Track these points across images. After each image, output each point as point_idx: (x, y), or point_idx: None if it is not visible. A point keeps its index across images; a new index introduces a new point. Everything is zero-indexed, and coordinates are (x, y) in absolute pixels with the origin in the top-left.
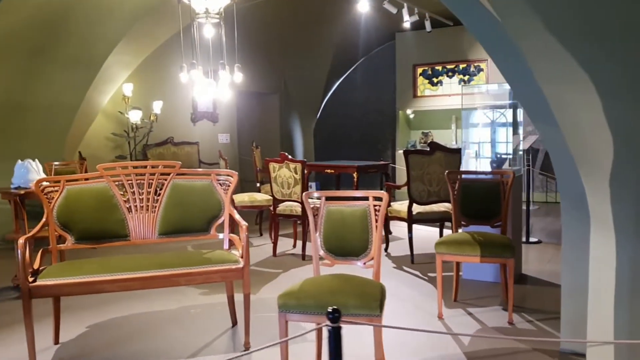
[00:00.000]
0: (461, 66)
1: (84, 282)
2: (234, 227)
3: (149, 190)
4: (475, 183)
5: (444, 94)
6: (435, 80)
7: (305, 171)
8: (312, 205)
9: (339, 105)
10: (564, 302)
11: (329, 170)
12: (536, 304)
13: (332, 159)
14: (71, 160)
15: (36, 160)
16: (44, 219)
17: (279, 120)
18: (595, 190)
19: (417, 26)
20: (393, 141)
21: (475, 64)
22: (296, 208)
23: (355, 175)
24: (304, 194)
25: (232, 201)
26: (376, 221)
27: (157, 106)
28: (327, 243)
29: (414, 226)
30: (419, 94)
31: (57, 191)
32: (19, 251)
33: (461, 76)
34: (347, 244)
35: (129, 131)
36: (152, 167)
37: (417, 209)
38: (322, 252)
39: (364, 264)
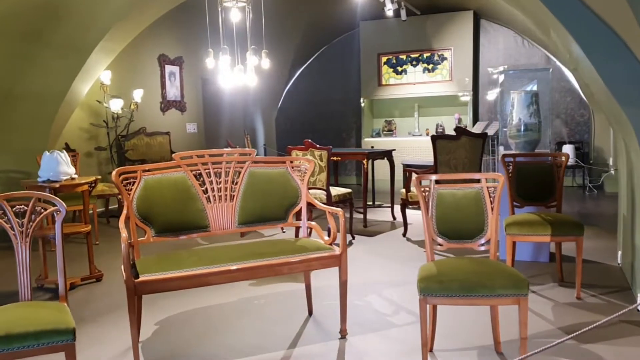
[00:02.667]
0: (425, 55)
1: (191, 275)
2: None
3: (226, 179)
4: (528, 165)
5: (409, 82)
6: (399, 69)
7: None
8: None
9: (302, 94)
10: None
11: (335, 158)
12: (585, 280)
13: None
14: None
15: (64, 151)
16: (124, 212)
17: (242, 109)
18: None
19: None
20: (357, 129)
21: (439, 53)
22: (321, 196)
23: (365, 162)
24: (414, 177)
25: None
26: (491, 202)
27: (137, 95)
28: (440, 226)
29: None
30: (383, 82)
31: (133, 182)
32: (123, 245)
33: (425, 65)
34: (462, 227)
35: (108, 121)
36: (228, 155)
37: None
38: (436, 237)
39: (480, 245)
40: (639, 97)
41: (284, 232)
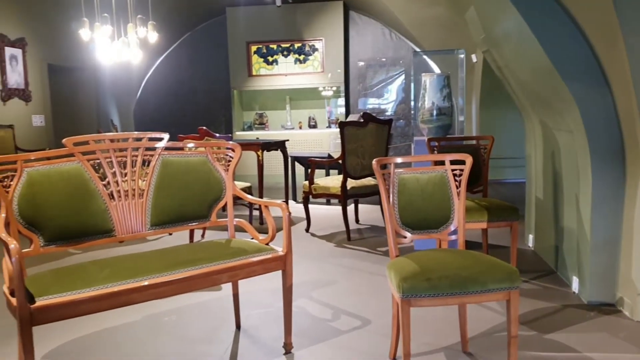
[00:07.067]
0: (296, 45)
1: (107, 293)
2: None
3: (133, 170)
4: (453, 150)
5: (280, 73)
6: (270, 59)
7: None
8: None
9: (163, 84)
10: (593, 255)
11: None
12: None
13: None
14: None
15: None
16: (3, 215)
17: (95, 99)
18: None
19: (256, 1)
20: (226, 122)
21: (310, 44)
22: None
23: (259, 154)
24: (375, 160)
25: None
26: (457, 187)
27: None
28: (404, 217)
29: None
30: (254, 72)
31: (12, 177)
32: (13, 259)
33: (297, 55)
34: (428, 216)
35: None
36: (135, 139)
37: (350, 183)
38: (400, 229)
39: (450, 234)
40: (583, 72)
41: (170, 234)
